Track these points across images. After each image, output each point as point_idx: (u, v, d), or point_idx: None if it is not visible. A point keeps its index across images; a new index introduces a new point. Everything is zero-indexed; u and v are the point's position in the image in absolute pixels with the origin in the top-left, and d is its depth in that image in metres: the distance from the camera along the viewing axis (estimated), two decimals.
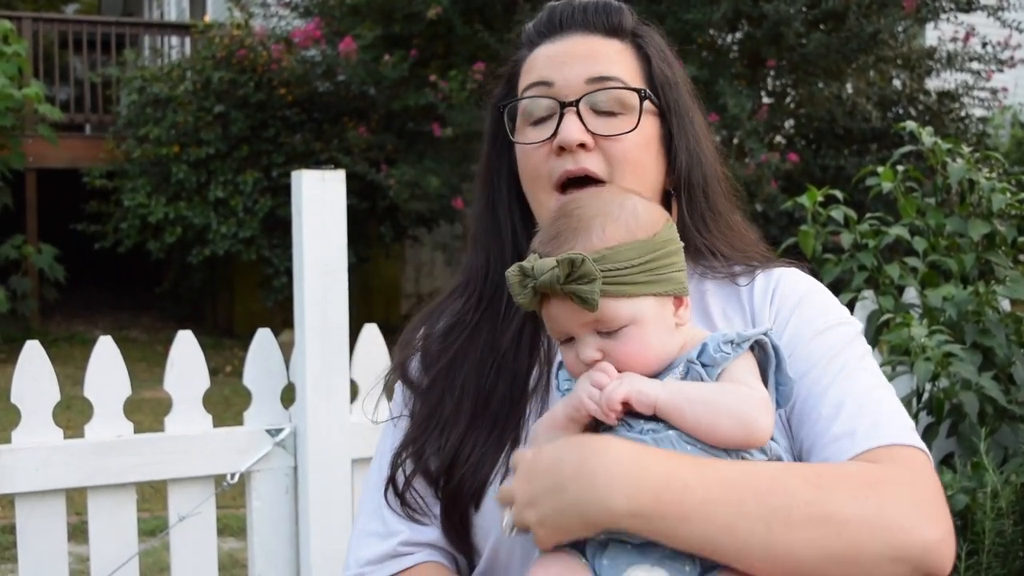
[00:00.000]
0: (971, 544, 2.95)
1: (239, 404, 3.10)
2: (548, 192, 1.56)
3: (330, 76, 11.44)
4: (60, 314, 14.57)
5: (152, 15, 22.84)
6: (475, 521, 1.54)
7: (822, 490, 1.27)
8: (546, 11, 1.67)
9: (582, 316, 1.35)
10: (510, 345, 1.61)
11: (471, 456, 1.54)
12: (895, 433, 1.40)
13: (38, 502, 2.72)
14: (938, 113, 10.77)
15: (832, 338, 1.51)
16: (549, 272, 1.34)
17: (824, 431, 1.41)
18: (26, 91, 11.66)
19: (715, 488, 1.26)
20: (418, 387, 1.66)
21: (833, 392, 1.44)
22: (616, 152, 1.55)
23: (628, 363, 1.36)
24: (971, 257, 3.49)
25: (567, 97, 1.56)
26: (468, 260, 1.74)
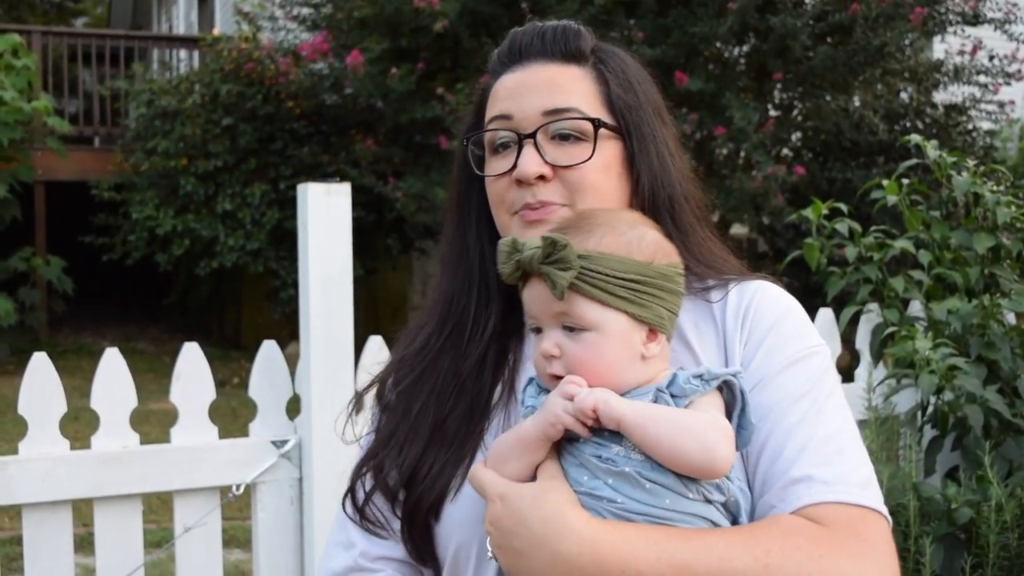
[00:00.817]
0: (975, 557, 2.95)
1: (246, 416, 3.11)
2: (509, 217, 1.61)
3: (337, 89, 11.47)
4: (68, 326, 14.60)
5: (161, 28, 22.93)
6: (436, 532, 1.57)
7: (769, 569, 1.30)
8: (509, 39, 1.69)
9: (551, 304, 1.39)
10: (472, 369, 1.64)
11: (429, 473, 1.58)
12: (853, 491, 1.41)
13: (45, 513, 2.73)
14: (945, 126, 10.77)
15: (803, 372, 1.51)
16: (532, 250, 1.39)
17: (783, 472, 1.42)
18: (35, 104, 11.72)
19: (668, 572, 1.30)
20: (384, 406, 1.71)
21: (799, 433, 1.44)
22: (575, 180, 1.57)
23: (579, 367, 1.39)
24: (976, 270, 3.49)
25: (525, 129, 1.59)
26: (438, 283, 1.78)
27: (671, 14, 9.86)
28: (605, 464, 1.36)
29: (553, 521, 1.34)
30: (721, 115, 9.56)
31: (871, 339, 3.50)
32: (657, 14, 9.93)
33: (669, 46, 9.61)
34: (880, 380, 3.40)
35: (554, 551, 1.32)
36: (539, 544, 1.34)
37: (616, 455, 1.36)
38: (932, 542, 2.94)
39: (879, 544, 1.38)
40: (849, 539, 1.35)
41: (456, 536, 1.54)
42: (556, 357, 1.40)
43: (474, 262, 1.70)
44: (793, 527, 1.36)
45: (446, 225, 1.79)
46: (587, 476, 1.37)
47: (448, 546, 1.56)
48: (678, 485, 1.34)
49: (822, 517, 1.37)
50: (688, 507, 1.35)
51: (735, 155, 10.02)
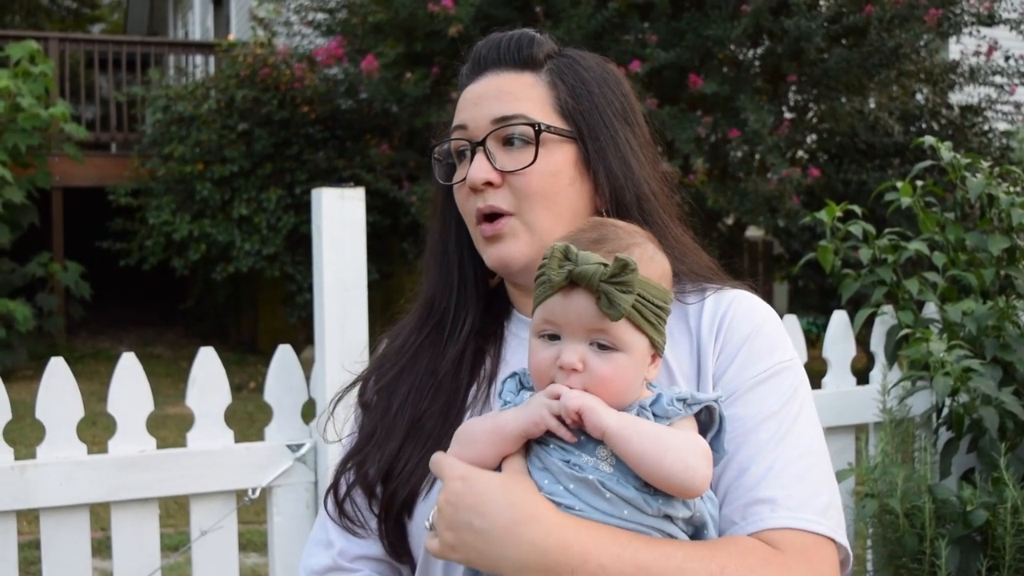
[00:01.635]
0: (991, 560, 2.94)
1: (263, 420, 3.13)
2: (474, 228, 1.65)
3: (352, 94, 11.51)
4: (86, 331, 14.68)
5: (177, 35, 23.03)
6: (409, 529, 1.61)
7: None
8: (473, 50, 1.75)
9: (594, 320, 1.37)
10: (450, 368, 1.67)
11: (404, 468, 1.61)
12: (812, 519, 1.44)
13: (62, 517, 2.74)
14: (961, 127, 10.73)
15: (775, 389, 1.52)
16: (595, 264, 1.37)
17: (748, 489, 1.45)
18: (52, 110, 11.78)
19: (627, 570, 1.32)
20: (365, 404, 1.76)
21: (767, 453, 1.47)
22: (521, 186, 1.60)
23: (602, 385, 1.38)
24: (991, 272, 3.48)
25: (476, 138, 1.63)
26: (419, 286, 1.83)
27: (685, 17, 9.86)
28: (570, 469, 1.36)
29: (522, 505, 1.35)
30: (736, 118, 9.54)
31: (886, 341, 3.50)
32: (671, 17, 9.92)
33: (683, 49, 9.60)
34: (895, 382, 3.39)
35: (521, 534, 1.33)
36: (506, 525, 1.34)
37: (584, 463, 1.36)
38: (948, 544, 2.93)
39: (828, 573, 1.43)
40: (801, 567, 1.39)
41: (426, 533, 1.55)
42: (578, 372, 1.38)
43: (454, 266, 1.74)
44: (750, 549, 1.39)
45: (429, 231, 1.82)
46: (548, 480, 1.38)
47: (420, 542, 1.58)
48: (638, 500, 1.35)
49: (779, 542, 1.41)
50: (646, 520, 1.36)
51: (750, 158, 10.01)
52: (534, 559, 1.33)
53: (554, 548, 1.33)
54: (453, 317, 1.72)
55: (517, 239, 1.60)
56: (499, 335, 1.71)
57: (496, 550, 1.35)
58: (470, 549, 1.37)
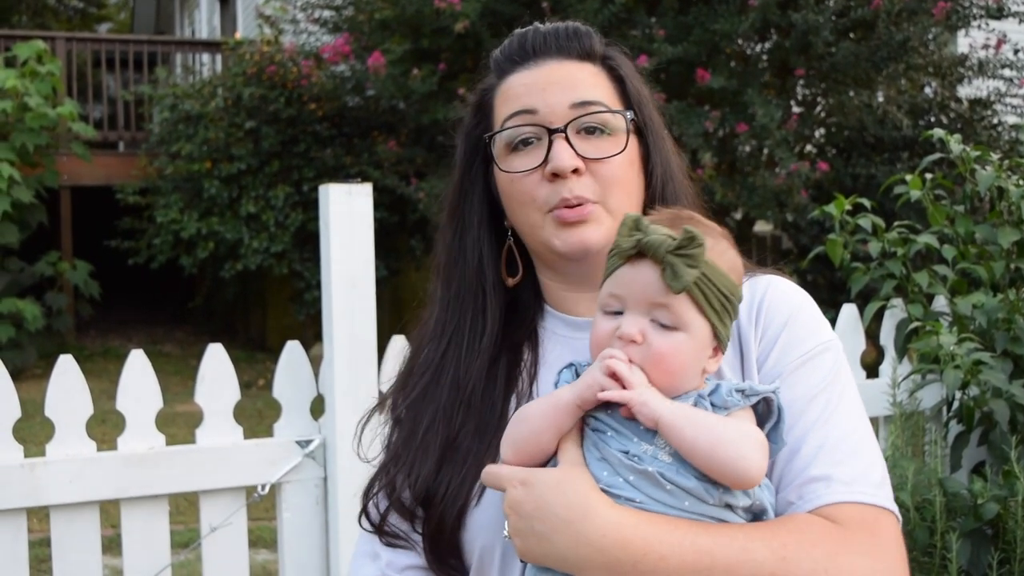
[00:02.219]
0: (1002, 553, 2.93)
1: (272, 417, 3.13)
2: (542, 215, 1.59)
3: (359, 91, 11.50)
4: (95, 329, 14.70)
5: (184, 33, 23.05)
6: (461, 538, 1.57)
7: (786, 562, 1.33)
8: (516, 38, 1.68)
9: (657, 293, 1.38)
10: (477, 382, 1.63)
11: (446, 493, 1.57)
12: (869, 491, 1.43)
13: (72, 514, 2.75)
14: (970, 121, 10.70)
15: (818, 369, 1.52)
16: (664, 235, 1.38)
17: (801, 470, 1.45)
18: (60, 110, 11.80)
19: (689, 557, 1.32)
20: (395, 420, 1.71)
21: (816, 432, 1.47)
22: (606, 174, 1.58)
23: (659, 361, 1.38)
24: (1001, 265, 3.47)
25: (552, 123, 1.58)
26: (431, 290, 1.76)
27: (692, 11, 9.83)
28: (630, 461, 1.36)
29: (577, 504, 1.35)
30: (744, 112, 9.52)
31: (895, 335, 3.49)
32: (678, 12, 9.90)
33: (691, 44, 9.58)
34: (905, 376, 3.38)
35: (578, 533, 1.34)
36: (562, 527, 1.34)
37: (643, 452, 1.36)
38: (958, 538, 2.92)
39: (890, 543, 1.41)
40: (864, 538, 1.39)
41: (480, 539, 1.54)
42: (637, 343, 1.38)
43: (471, 267, 1.69)
44: (810, 524, 1.39)
45: (441, 230, 1.76)
46: (607, 472, 1.37)
47: (473, 550, 1.56)
48: (699, 490, 1.35)
49: (838, 516, 1.40)
50: (707, 511, 1.36)
51: (758, 152, 9.98)
52: (594, 557, 1.33)
53: (612, 545, 1.33)
54: (470, 327, 1.67)
55: (601, 224, 1.57)
56: (533, 337, 1.67)
57: (559, 551, 1.35)
58: (538, 552, 1.38)
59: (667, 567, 1.32)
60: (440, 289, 1.73)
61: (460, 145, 1.73)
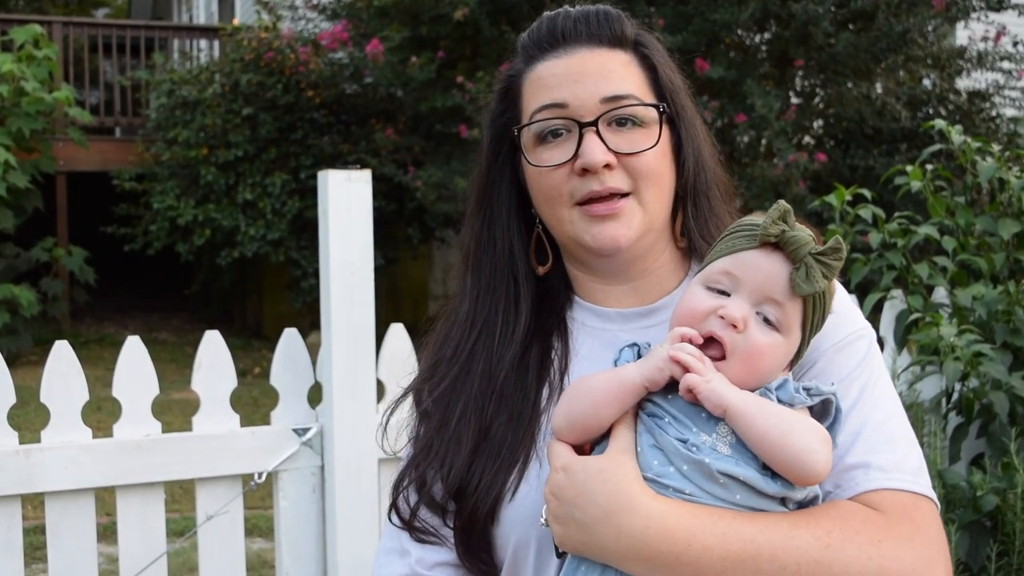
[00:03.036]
0: (1001, 545, 2.93)
1: (268, 405, 3.12)
2: (570, 209, 1.56)
3: (358, 78, 11.47)
4: (91, 316, 14.68)
5: (181, 19, 22.99)
6: (494, 533, 1.55)
7: (831, 549, 1.33)
8: (545, 22, 1.63)
9: (778, 289, 1.37)
10: (509, 372, 1.60)
11: (479, 484, 1.55)
12: (907, 479, 1.43)
13: (68, 502, 2.73)
14: (968, 113, 10.69)
15: (852, 356, 1.52)
16: (809, 236, 1.37)
17: (839, 457, 1.43)
18: (56, 95, 11.75)
19: (733, 547, 1.31)
20: (422, 414, 1.67)
21: (853, 419, 1.46)
22: (639, 167, 1.55)
23: (752, 356, 1.37)
24: (1001, 256, 3.46)
25: (583, 117, 1.55)
26: (461, 282, 1.73)
27: (692, 1, 9.81)
28: (687, 450, 1.34)
29: (619, 495, 1.33)
30: (742, 102, 9.51)
31: (895, 326, 3.48)
32: (678, 1, 9.88)
33: (690, 33, 9.56)
34: (905, 367, 3.37)
35: (619, 525, 1.32)
36: (603, 518, 1.33)
37: (702, 442, 1.34)
38: (957, 530, 2.92)
39: (931, 529, 1.41)
40: (905, 525, 1.38)
41: (515, 534, 1.52)
42: (738, 330, 1.37)
43: (501, 256, 1.66)
44: (852, 511, 1.38)
45: (469, 218, 1.73)
46: (658, 461, 1.36)
47: (507, 545, 1.54)
48: (759, 481, 1.34)
49: (879, 503, 1.40)
50: (760, 503, 1.35)
51: (756, 143, 9.97)
52: (635, 549, 1.32)
53: (655, 537, 1.31)
54: (503, 318, 1.64)
55: (633, 218, 1.54)
56: (563, 328, 1.65)
57: (598, 541, 1.34)
58: (576, 541, 1.36)
59: (711, 557, 1.31)
60: (470, 279, 1.69)
61: (487, 132, 1.69)
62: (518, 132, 1.61)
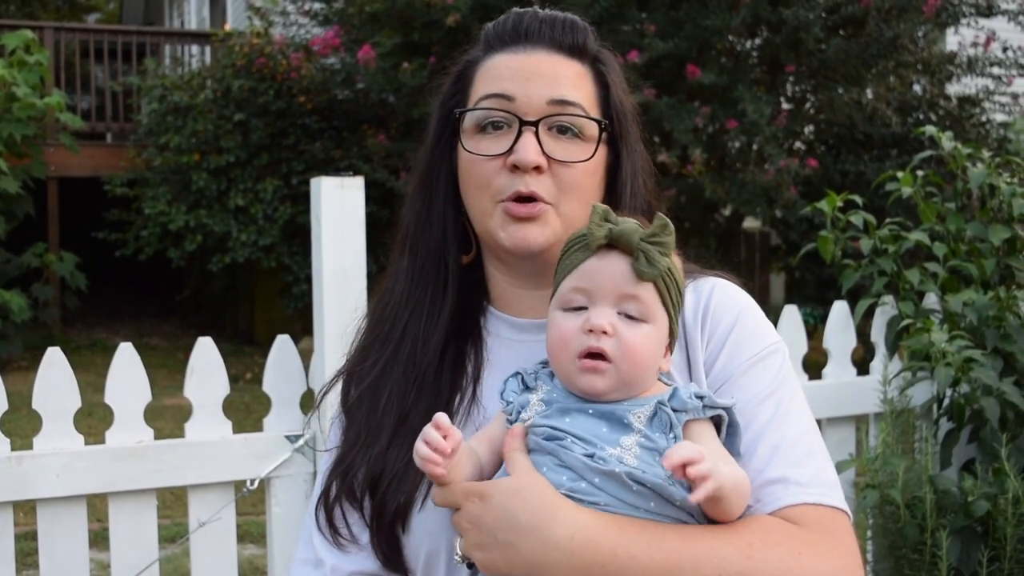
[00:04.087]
0: (992, 550, 2.94)
1: (259, 411, 3.11)
2: (493, 204, 1.57)
3: (349, 84, 11.47)
4: (81, 322, 14.65)
5: (173, 24, 22.97)
6: (405, 542, 1.55)
7: (753, 560, 1.34)
8: (511, 17, 1.64)
9: (627, 283, 1.39)
10: (432, 359, 1.61)
11: (394, 471, 1.55)
12: (824, 492, 1.45)
13: (59, 508, 2.73)
14: (959, 118, 10.72)
15: (767, 371, 1.53)
16: (635, 225, 1.39)
17: (758, 472, 1.45)
18: (48, 100, 11.74)
19: (657, 556, 1.32)
20: (348, 410, 1.68)
21: (770, 434, 1.48)
22: (567, 178, 1.56)
23: (630, 354, 1.38)
24: (992, 262, 3.47)
25: (526, 115, 1.55)
26: (394, 262, 1.73)
27: (683, 7, 9.83)
28: (595, 463, 1.35)
29: (541, 508, 1.34)
30: (733, 108, 9.52)
31: (886, 332, 3.49)
32: (669, 7, 9.89)
33: (681, 39, 9.57)
34: (896, 373, 3.38)
35: (546, 537, 1.33)
36: (528, 532, 1.33)
37: (608, 455, 1.35)
38: (949, 535, 2.92)
39: (849, 543, 1.44)
40: (824, 537, 1.41)
41: (425, 545, 1.53)
42: (608, 335, 1.38)
43: (436, 239, 1.67)
44: (772, 525, 1.40)
45: (410, 197, 1.74)
46: (567, 477, 1.36)
47: (418, 556, 1.54)
48: (666, 489, 1.35)
49: (798, 517, 1.42)
50: (671, 512, 1.36)
51: (748, 148, 9.99)
52: (563, 560, 1.32)
53: (581, 547, 1.32)
54: (431, 299, 1.65)
55: (547, 226, 1.55)
56: (477, 333, 1.66)
57: (525, 558, 1.34)
58: (502, 563, 1.36)
59: (636, 567, 1.32)
60: (407, 258, 1.70)
61: (435, 112, 1.70)
62: (460, 115, 1.62)
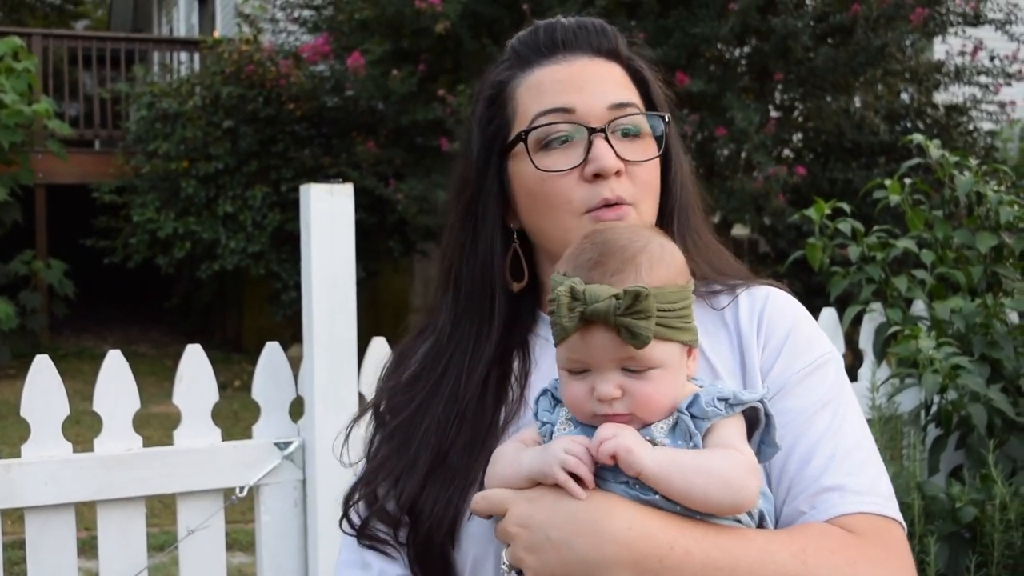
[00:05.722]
0: (980, 556, 2.94)
1: (248, 419, 3.11)
2: (577, 217, 1.53)
3: (339, 91, 11.47)
4: (70, 329, 14.61)
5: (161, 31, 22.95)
6: (455, 558, 1.53)
7: (807, 565, 1.33)
8: (542, 29, 1.61)
9: (621, 351, 1.32)
10: (474, 393, 1.58)
11: (434, 508, 1.52)
12: (880, 503, 1.44)
13: (48, 516, 2.72)
14: (946, 126, 10.75)
15: (824, 379, 1.52)
16: (606, 301, 1.30)
17: (814, 479, 1.44)
18: (36, 107, 11.71)
19: (713, 554, 1.30)
20: (380, 431, 1.66)
21: (827, 442, 1.47)
22: (644, 178, 1.55)
23: (647, 404, 1.34)
24: (979, 269, 3.49)
25: (591, 123, 1.53)
26: (438, 295, 1.69)
27: (672, 15, 9.85)
28: (634, 491, 1.33)
29: (596, 503, 1.32)
30: (722, 116, 9.54)
31: (874, 339, 3.50)
32: (658, 15, 9.92)
33: (670, 47, 9.60)
34: (884, 380, 3.39)
35: (602, 531, 1.30)
36: (584, 527, 1.31)
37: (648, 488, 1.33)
38: (936, 541, 2.93)
39: (903, 554, 1.43)
40: (879, 548, 1.39)
41: (472, 550, 1.50)
42: (618, 398, 1.33)
43: (483, 270, 1.62)
44: (827, 532, 1.39)
45: (452, 229, 1.68)
46: None
47: (465, 561, 1.52)
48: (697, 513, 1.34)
49: (854, 526, 1.40)
50: (716, 520, 1.34)
51: (736, 156, 10.01)
52: (620, 554, 1.29)
53: (639, 538, 1.29)
54: (477, 334, 1.60)
55: None
56: (522, 352, 1.62)
57: (580, 554, 1.30)
58: (556, 563, 1.32)
59: (693, 563, 1.29)
60: (451, 293, 1.65)
61: (477, 140, 1.63)
62: (524, 136, 1.56)
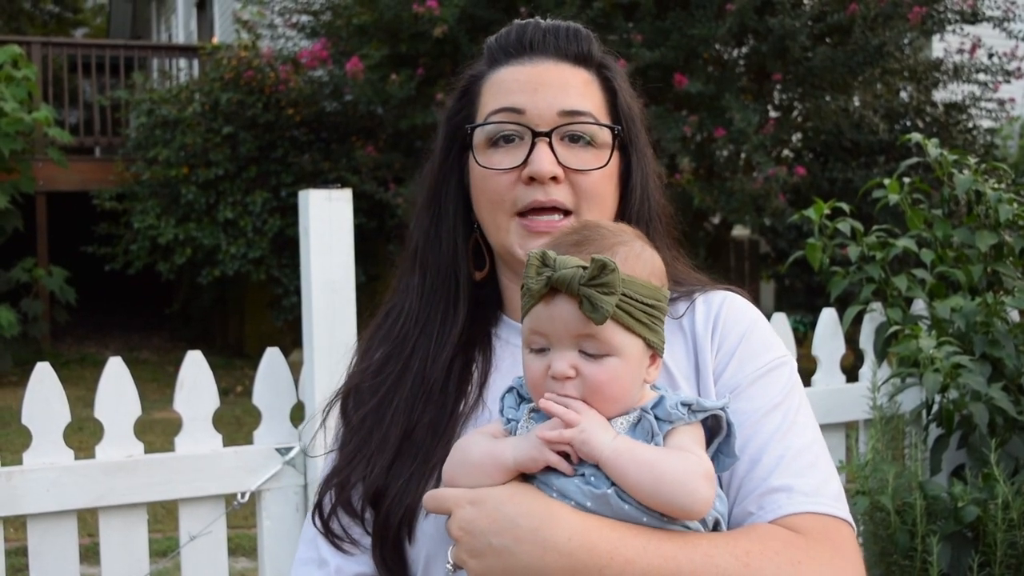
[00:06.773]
0: (983, 556, 2.94)
1: (250, 424, 3.11)
2: (509, 217, 1.57)
3: (337, 96, 11.48)
4: (71, 336, 14.61)
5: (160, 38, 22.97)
6: (409, 552, 1.54)
7: (750, 568, 1.33)
8: (514, 29, 1.65)
9: (579, 326, 1.34)
10: (439, 376, 1.60)
11: (397, 485, 1.54)
12: (828, 503, 1.45)
13: (50, 523, 2.72)
14: (945, 125, 10.76)
15: (775, 382, 1.54)
16: (574, 268, 1.32)
17: (762, 480, 1.45)
18: (36, 115, 11.73)
19: (655, 561, 1.30)
20: (349, 422, 1.67)
21: (776, 444, 1.48)
22: (585, 185, 1.57)
23: (597, 391, 1.35)
24: (979, 268, 3.48)
25: (538, 127, 1.56)
26: (403, 279, 1.73)
27: (670, 16, 9.86)
28: (587, 486, 1.33)
29: (538, 512, 1.33)
30: (721, 117, 9.55)
31: (875, 338, 3.49)
32: (656, 16, 9.92)
33: (668, 48, 9.60)
34: (884, 379, 3.39)
35: (544, 539, 1.31)
36: (526, 535, 1.32)
37: (603, 480, 1.34)
38: (939, 541, 2.93)
39: (850, 553, 1.43)
40: (825, 548, 1.40)
41: (426, 548, 1.52)
42: (571, 379, 1.35)
43: (446, 256, 1.67)
44: (772, 533, 1.39)
45: (418, 214, 1.72)
46: (556, 495, 1.35)
47: (419, 559, 1.53)
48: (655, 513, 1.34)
49: (800, 526, 1.41)
50: (666, 524, 1.35)
51: (736, 157, 10.01)
52: (560, 562, 1.30)
53: (579, 548, 1.30)
54: (442, 319, 1.64)
55: None
56: (485, 342, 1.65)
57: (522, 561, 1.31)
58: (498, 568, 1.33)
59: (633, 571, 1.30)
60: (416, 275, 1.69)
61: (441, 129, 1.70)
62: (471, 131, 1.62)
